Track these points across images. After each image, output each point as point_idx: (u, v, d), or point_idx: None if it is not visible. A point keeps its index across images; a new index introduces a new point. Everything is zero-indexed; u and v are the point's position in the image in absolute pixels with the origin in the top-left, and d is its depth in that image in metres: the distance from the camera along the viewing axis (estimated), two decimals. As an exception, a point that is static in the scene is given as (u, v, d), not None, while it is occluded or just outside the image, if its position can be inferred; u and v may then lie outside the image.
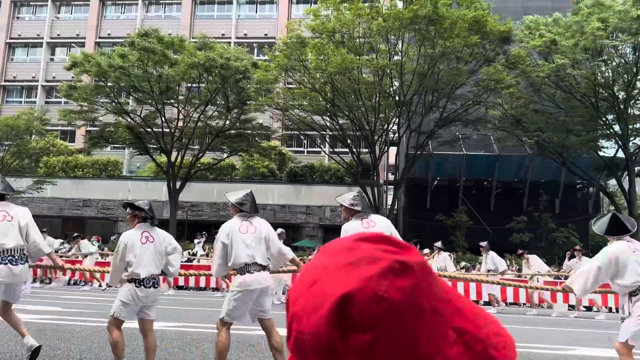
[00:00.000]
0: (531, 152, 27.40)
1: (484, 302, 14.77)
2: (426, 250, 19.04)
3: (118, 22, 39.90)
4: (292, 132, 31.84)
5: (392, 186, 28.39)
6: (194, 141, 28.53)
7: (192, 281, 17.83)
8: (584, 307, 15.45)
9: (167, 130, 26.98)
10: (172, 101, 27.02)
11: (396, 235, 4.99)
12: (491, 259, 14.19)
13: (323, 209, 30.77)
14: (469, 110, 25.12)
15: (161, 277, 5.52)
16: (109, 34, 38.97)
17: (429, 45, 22.41)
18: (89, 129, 33.88)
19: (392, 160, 32.87)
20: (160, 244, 5.15)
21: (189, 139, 27.41)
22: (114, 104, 26.86)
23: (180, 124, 27.22)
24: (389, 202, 27.38)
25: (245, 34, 37.89)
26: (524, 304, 16.04)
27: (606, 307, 15.08)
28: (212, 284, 17.48)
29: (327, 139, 30.09)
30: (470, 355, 0.60)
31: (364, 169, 26.84)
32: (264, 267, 5.01)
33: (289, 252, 5.49)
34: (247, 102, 26.78)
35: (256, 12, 39.46)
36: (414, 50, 23.49)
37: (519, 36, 23.54)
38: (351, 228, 5.29)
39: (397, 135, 27.71)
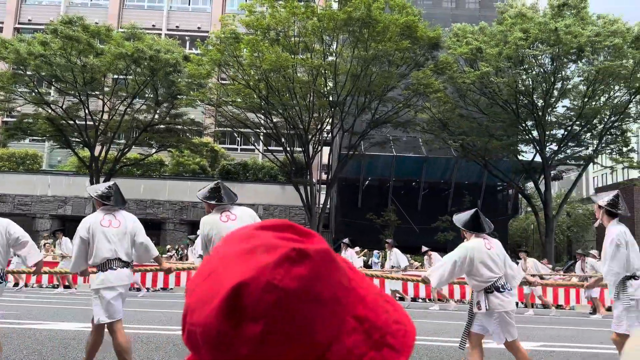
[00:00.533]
0: (456, 155, 28.55)
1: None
2: (357, 248, 19.39)
3: (40, 8, 37.59)
4: (225, 129, 31.34)
5: (325, 185, 28.68)
6: (119, 135, 27.43)
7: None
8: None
9: (91, 123, 25.76)
10: (97, 93, 25.84)
11: None
12: (394, 256, 14.57)
13: (256, 207, 30.48)
14: (400, 113, 25.82)
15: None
16: (29, 20, 36.62)
17: (363, 47, 22.81)
18: (5, 119, 31.72)
19: (325, 160, 33.23)
20: None
21: (115, 132, 26.32)
22: (33, 93, 25.28)
23: (105, 116, 26.07)
24: (322, 201, 27.62)
25: (177, 27, 36.85)
26: (428, 299, 16.67)
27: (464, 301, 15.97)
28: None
29: (261, 137, 29.90)
30: (369, 343, 0.60)
31: (298, 168, 26.92)
32: (127, 264, 4.81)
33: (154, 250, 5.22)
34: (178, 96, 26.08)
35: (189, 4, 38.50)
36: (348, 52, 23.83)
37: (447, 43, 24.45)
38: (207, 222, 5.05)
39: (330, 135, 28.00)
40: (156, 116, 26.71)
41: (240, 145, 34.64)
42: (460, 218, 5.19)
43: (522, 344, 5.07)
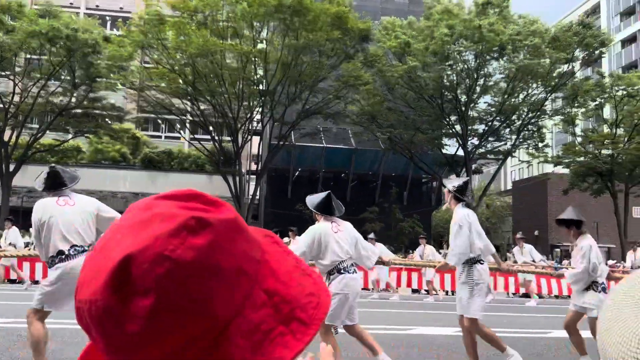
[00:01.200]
0: (384, 147, 29.06)
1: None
2: (286, 239, 19.19)
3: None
4: (149, 115, 30.04)
5: (255, 176, 28.23)
6: (32, 119, 25.53)
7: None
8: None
9: (0, 105, 23.78)
10: (7, 73, 23.91)
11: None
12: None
13: (180, 197, 29.55)
14: (330, 104, 25.87)
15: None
16: None
17: (293, 36, 22.55)
18: None
19: (255, 150, 32.73)
20: None
21: (27, 116, 24.46)
22: None
23: (17, 99, 24.17)
24: (251, 191, 27.17)
25: (97, 6, 34.86)
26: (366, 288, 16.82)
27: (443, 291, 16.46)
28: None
29: (188, 125, 28.94)
30: (278, 317, 0.56)
31: (226, 158, 26.26)
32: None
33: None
34: (97, 79, 24.60)
35: (111, -17, 36.48)
36: (279, 40, 23.49)
37: (377, 36, 24.71)
38: (38, 208, 4.45)
39: (260, 124, 27.55)
40: (73, 100, 25.09)
41: (165, 133, 33.39)
42: (312, 200, 5.12)
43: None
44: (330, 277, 4.79)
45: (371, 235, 15.62)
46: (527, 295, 15.59)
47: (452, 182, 5.39)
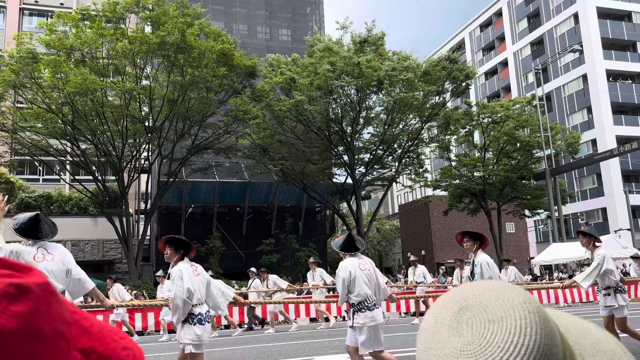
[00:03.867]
0: (277, 179, 29.50)
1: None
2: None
3: None
4: (24, 158, 27.91)
5: (144, 215, 27.20)
6: None
7: None
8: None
9: None
10: None
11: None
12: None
13: (63, 243, 27.54)
14: (220, 139, 25.84)
15: None
16: None
17: (179, 72, 22.42)
18: None
19: (143, 188, 31.59)
20: None
21: None
22: None
23: None
24: (141, 232, 26.10)
25: (-39, 43, 32.04)
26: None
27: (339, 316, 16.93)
28: None
29: (68, 166, 27.29)
30: None
31: (111, 198, 25.09)
32: None
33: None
34: (-38, 121, 22.57)
35: (-24, 18, 33.85)
36: (164, 77, 23.22)
37: (263, 72, 25.34)
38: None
39: (147, 162, 26.75)
40: None
41: (43, 175, 31.15)
42: (337, 243, 5.78)
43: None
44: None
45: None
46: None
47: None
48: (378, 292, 5.65)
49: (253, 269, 15.79)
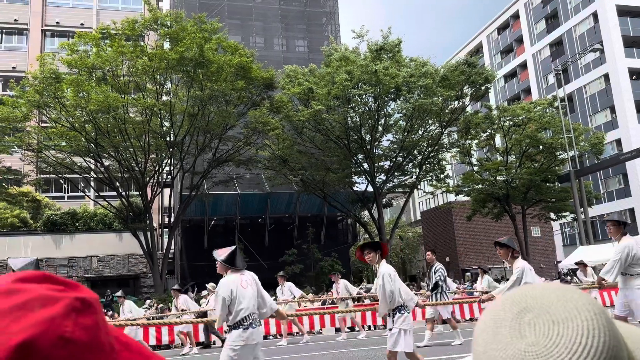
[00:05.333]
0: (297, 189, 29.54)
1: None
2: (204, 292, 18.75)
3: None
4: (49, 176, 28.49)
5: (167, 229, 27.46)
6: None
7: None
8: (348, 328, 16.94)
9: None
10: None
11: None
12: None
13: (89, 259, 28.00)
14: (241, 151, 26.03)
15: None
16: None
17: (198, 87, 22.69)
18: None
19: (166, 202, 31.93)
20: None
21: None
22: None
23: None
24: (165, 246, 26.35)
25: (-14, 66, 33.03)
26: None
27: (365, 326, 16.80)
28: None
29: (92, 183, 27.75)
30: None
31: (135, 213, 25.40)
32: None
33: None
34: (-10, 142, 23.15)
35: (1, 42, 34.85)
36: (183, 92, 23.51)
37: (281, 83, 25.49)
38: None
39: (170, 176, 27.07)
40: (-38, 165, 23.36)
41: (68, 193, 31.73)
42: (219, 254, 5.39)
43: None
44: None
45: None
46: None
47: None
48: (263, 307, 5.31)
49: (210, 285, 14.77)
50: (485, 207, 30.67)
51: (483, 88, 27.16)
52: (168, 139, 24.27)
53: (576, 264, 10.61)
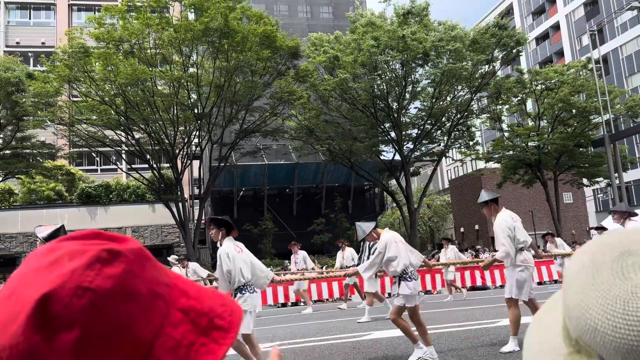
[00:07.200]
0: (324, 159, 29.53)
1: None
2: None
3: None
4: (82, 150, 29.14)
5: (198, 200, 27.93)
6: (-45, 164, 24.25)
7: None
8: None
9: None
10: None
11: None
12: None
13: (123, 230, 28.77)
14: (267, 122, 26.06)
15: None
16: None
17: (223, 58, 22.64)
18: None
19: (196, 174, 32.37)
20: None
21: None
22: None
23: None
24: (196, 216, 26.83)
25: (17, 42, 33.61)
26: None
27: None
28: None
29: (124, 155, 28.28)
30: (197, 330, 0.60)
31: (167, 185, 25.86)
32: None
33: None
34: (24, 117, 23.74)
35: (30, 18, 35.30)
36: (209, 63, 23.50)
37: (306, 52, 25.21)
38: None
39: (199, 148, 27.36)
40: (-1, 141, 24.08)
41: (101, 166, 32.47)
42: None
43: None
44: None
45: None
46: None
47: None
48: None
49: (171, 257, 14.42)
50: (516, 174, 30.15)
51: (514, 51, 26.40)
52: (196, 111, 24.43)
53: (596, 229, 10.21)
